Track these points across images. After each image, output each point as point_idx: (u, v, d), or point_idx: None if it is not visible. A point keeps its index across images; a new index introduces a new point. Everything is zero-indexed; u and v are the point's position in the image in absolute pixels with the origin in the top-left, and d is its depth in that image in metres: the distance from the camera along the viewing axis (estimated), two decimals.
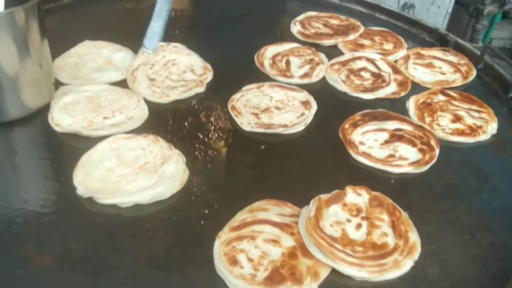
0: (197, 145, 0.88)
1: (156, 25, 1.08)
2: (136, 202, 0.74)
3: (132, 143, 0.86)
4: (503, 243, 0.73)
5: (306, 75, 1.09)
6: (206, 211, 0.74)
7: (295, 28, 1.29)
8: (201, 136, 0.90)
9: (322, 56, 1.17)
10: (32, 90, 0.89)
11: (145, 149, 0.84)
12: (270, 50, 1.17)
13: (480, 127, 0.96)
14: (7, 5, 0.84)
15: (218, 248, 0.67)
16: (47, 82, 0.93)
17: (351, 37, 1.24)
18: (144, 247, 0.67)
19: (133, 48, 1.11)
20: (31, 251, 0.65)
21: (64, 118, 0.88)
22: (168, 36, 1.13)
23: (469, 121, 0.97)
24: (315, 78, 1.08)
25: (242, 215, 0.73)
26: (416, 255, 0.69)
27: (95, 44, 1.11)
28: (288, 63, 1.13)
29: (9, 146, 0.86)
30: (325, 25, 1.30)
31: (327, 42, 1.23)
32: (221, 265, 0.64)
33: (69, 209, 0.73)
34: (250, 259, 0.66)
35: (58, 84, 0.98)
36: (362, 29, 1.28)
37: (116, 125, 0.88)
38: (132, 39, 1.13)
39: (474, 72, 1.14)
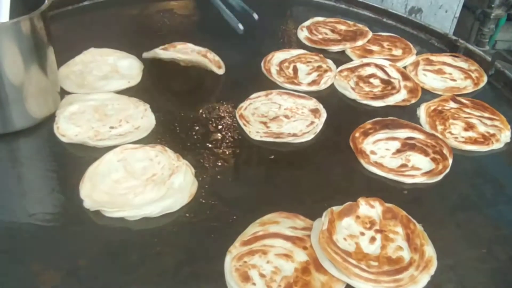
0: (205, 155, 0.86)
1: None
2: (145, 215, 0.72)
3: (140, 153, 0.84)
4: None
5: (314, 82, 1.07)
6: (216, 224, 0.73)
7: (302, 34, 1.27)
8: (209, 146, 0.89)
9: (330, 62, 1.15)
10: (38, 99, 0.87)
11: (153, 160, 0.83)
12: (277, 57, 1.16)
13: (493, 135, 0.94)
14: (12, 12, 0.83)
15: (229, 263, 0.65)
16: (52, 91, 0.91)
17: (359, 43, 1.22)
18: (153, 264, 0.66)
19: (138, 55, 1.10)
20: (39, 268, 0.63)
21: (70, 128, 0.87)
22: (173, 40, 1.12)
23: (482, 129, 0.96)
24: (323, 85, 1.07)
25: (253, 229, 0.71)
26: (432, 270, 0.67)
27: (100, 51, 1.10)
28: (295, 70, 1.11)
29: (14, 157, 0.84)
30: (332, 31, 1.29)
31: (335, 48, 1.22)
32: (232, 282, 0.63)
33: (76, 222, 0.71)
34: (262, 275, 0.64)
35: (63, 93, 0.96)
36: (370, 34, 1.26)
37: (123, 135, 0.87)
38: (137, 46, 1.12)
39: (485, 78, 1.12)
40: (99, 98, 0.94)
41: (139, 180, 0.78)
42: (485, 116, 0.99)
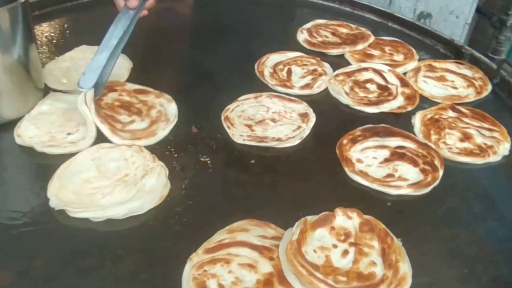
0: (183, 157, 0.83)
1: (100, 58, 0.88)
2: (110, 217, 0.70)
3: (115, 153, 0.82)
4: (506, 279, 0.66)
5: (307, 85, 1.03)
6: (183, 230, 0.70)
7: (302, 36, 1.24)
8: (190, 147, 0.86)
9: (327, 66, 1.11)
10: (17, 96, 0.86)
11: (128, 160, 0.80)
12: (272, 59, 1.13)
13: (491, 147, 0.88)
14: None
15: (188, 272, 0.62)
16: (33, 87, 0.90)
17: (360, 46, 1.18)
18: (112, 268, 0.63)
19: (130, 54, 1.08)
20: None
21: (29, 129, 0.84)
22: (169, 40, 1.10)
23: (479, 140, 0.90)
24: (316, 89, 1.03)
25: (219, 236, 0.68)
26: None
27: (91, 49, 1.08)
28: (289, 72, 1.08)
29: None
30: (333, 34, 1.25)
31: (334, 51, 1.18)
32: None
33: (39, 222, 0.69)
34: (221, 286, 0.61)
35: (49, 89, 0.95)
36: (372, 38, 1.22)
37: (75, 142, 0.83)
38: (133, 46, 1.10)
39: (489, 87, 1.06)
40: (73, 100, 0.88)
41: (110, 180, 0.76)
42: (485, 126, 0.94)
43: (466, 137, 0.91)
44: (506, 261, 0.68)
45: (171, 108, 0.94)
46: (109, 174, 0.77)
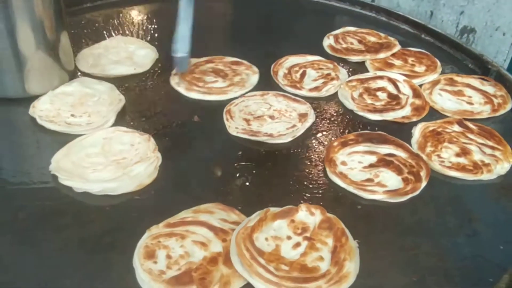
0: (176, 142, 0.89)
1: (184, 28, 1.00)
2: (87, 190, 0.77)
3: (127, 137, 0.88)
4: None
5: (316, 88, 1.05)
6: (153, 206, 0.75)
7: (327, 41, 1.26)
8: (185, 133, 0.92)
9: (343, 71, 1.12)
10: (44, 74, 0.97)
11: (133, 146, 0.86)
12: (290, 61, 1.16)
13: (487, 165, 0.85)
14: None
15: (144, 240, 0.68)
16: (60, 69, 1.01)
17: (381, 55, 1.18)
18: (81, 229, 0.70)
19: (159, 47, 1.17)
20: None
21: (44, 103, 0.93)
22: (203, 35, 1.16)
23: (477, 157, 0.87)
24: (324, 92, 1.05)
25: (184, 214, 0.73)
26: (344, 285, 0.63)
27: (125, 39, 1.19)
28: (303, 74, 1.11)
29: (12, 122, 0.94)
30: (359, 41, 1.25)
31: (354, 58, 1.18)
32: (136, 257, 0.65)
33: (35, 182, 0.79)
34: (169, 256, 0.66)
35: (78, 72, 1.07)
36: (396, 48, 1.20)
37: (71, 125, 0.90)
38: (160, 38, 1.20)
39: (509, 106, 1.02)
40: (100, 88, 0.99)
41: (106, 159, 0.83)
42: (488, 144, 0.90)
43: (464, 152, 0.88)
44: (462, 278, 0.66)
45: (253, 78, 1.09)
46: (109, 154, 0.84)
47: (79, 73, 1.06)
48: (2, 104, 0.95)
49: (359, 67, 1.17)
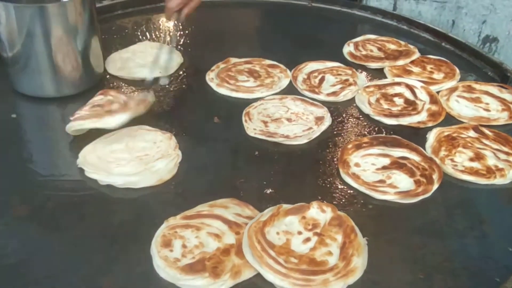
0: (196, 140, 0.94)
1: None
2: (110, 183, 0.81)
3: (150, 136, 0.93)
4: None
5: (333, 93, 1.08)
6: (173, 200, 0.79)
7: (347, 48, 1.28)
8: (205, 133, 0.96)
9: (361, 77, 1.15)
10: (76, 76, 1.03)
11: (156, 143, 0.91)
12: (310, 67, 1.19)
13: (501, 169, 0.86)
14: None
15: (161, 230, 0.72)
16: (91, 71, 1.07)
17: (400, 62, 1.20)
18: (103, 218, 0.75)
19: (183, 52, 1.23)
20: (16, 200, 0.77)
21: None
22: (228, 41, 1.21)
23: (491, 162, 0.88)
24: (342, 97, 1.07)
25: (201, 207, 0.77)
26: (351, 279, 0.66)
27: (151, 44, 1.25)
28: (322, 80, 1.14)
29: (45, 120, 1.01)
30: (379, 49, 1.27)
31: (373, 65, 1.21)
32: (153, 245, 0.69)
33: (63, 174, 0.84)
34: (184, 246, 0.69)
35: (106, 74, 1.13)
36: (415, 55, 1.22)
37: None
38: (185, 44, 1.25)
39: None
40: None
41: (130, 155, 0.87)
42: (503, 150, 0.91)
43: (478, 157, 0.89)
44: (469, 277, 0.68)
45: (284, 81, 1.13)
46: (133, 151, 0.89)
47: (107, 75, 1.12)
48: (37, 102, 1.02)
49: (378, 74, 1.19)
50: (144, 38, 1.30)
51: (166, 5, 1.09)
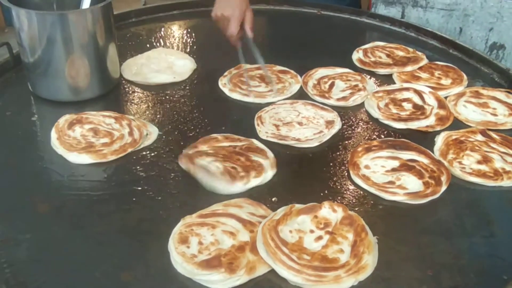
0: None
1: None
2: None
3: None
4: None
5: (343, 98, 1.11)
6: (189, 199, 0.82)
7: (356, 55, 1.31)
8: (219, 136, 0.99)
9: (370, 83, 1.17)
10: (94, 81, 1.07)
11: None
12: (320, 72, 1.22)
13: (508, 172, 0.88)
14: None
15: (178, 227, 0.74)
16: (108, 76, 1.11)
17: (408, 68, 1.22)
18: (122, 216, 0.78)
19: (195, 58, 1.26)
20: (39, 199, 0.80)
21: None
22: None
23: (498, 164, 0.90)
24: (351, 102, 1.10)
25: (216, 207, 0.79)
26: (362, 276, 0.68)
27: (166, 51, 1.28)
28: (332, 85, 1.16)
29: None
30: (388, 55, 1.30)
31: (382, 71, 1.23)
32: (171, 242, 0.72)
33: (82, 175, 0.87)
34: (200, 243, 0.72)
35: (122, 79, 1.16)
36: (424, 62, 1.25)
37: None
38: (198, 50, 1.28)
39: None
40: None
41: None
42: (510, 153, 0.93)
43: (485, 160, 0.91)
44: (476, 274, 0.70)
45: (295, 87, 1.16)
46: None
47: (123, 80, 1.16)
48: (55, 106, 1.05)
49: (387, 80, 1.22)
50: (158, 44, 1.34)
51: (227, 35, 1.14)
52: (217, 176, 0.84)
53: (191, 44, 1.37)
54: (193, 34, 1.43)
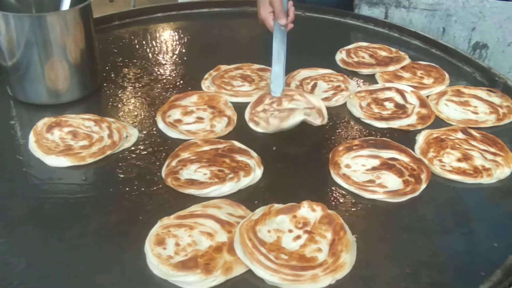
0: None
1: (277, 69, 1.06)
2: None
3: None
4: (447, 285, 0.67)
5: (326, 98, 1.10)
6: (169, 199, 0.81)
7: (339, 55, 1.31)
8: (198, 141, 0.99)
9: (352, 83, 1.18)
10: (76, 83, 1.07)
11: None
12: (302, 74, 1.22)
13: (487, 169, 0.88)
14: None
15: (155, 229, 0.73)
16: (88, 80, 1.10)
17: (391, 68, 1.22)
18: (98, 219, 0.77)
19: (178, 61, 1.26)
20: (15, 203, 0.79)
21: None
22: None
23: (478, 162, 0.90)
24: (334, 102, 1.10)
25: (194, 208, 0.79)
26: (339, 274, 0.68)
27: None
28: (314, 86, 1.16)
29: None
30: (371, 56, 1.30)
31: (365, 71, 1.23)
32: (147, 243, 0.71)
33: (60, 178, 0.86)
34: (177, 244, 0.71)
35: None
36: (406, 61, 1.25)
37: None
38: (182, 54, 1.27)
39: None
40: None
41: None
42: (490, 150, 0.93)
43: (465, 158, 0.91)
44: (455, 272, 0.70)
45: None
46: None
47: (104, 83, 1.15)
48: (34, 110, 1.04)
49: (369, 80, 1.22)
50: (141, 48, 1.33)
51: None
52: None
53: (174, 47, 1.36)
54: (177, 37, 1.43)
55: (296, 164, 0.92)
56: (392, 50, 1.32)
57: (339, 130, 1.02)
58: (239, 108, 1.07)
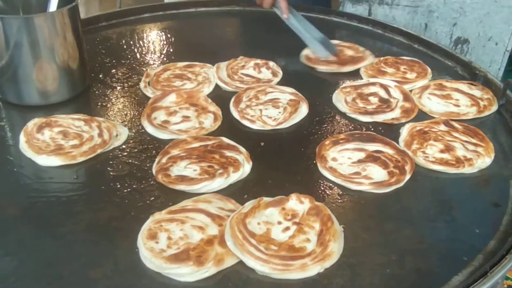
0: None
1: (308, 37, 1.31)
2: None
3: None
4: (431, 271, 0.70)
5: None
6: (160, 195, 0.83)
7: (305, 51, 1.32)
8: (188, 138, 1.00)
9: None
10: (64, 84, 1.07)
11: None
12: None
13: (469, 159, 0.91)
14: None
15: (147, 224, 0.75)
16: (77, 81, 1.11)
17: (345, 69, 1.25)
18: (91, 215, 0.78)
19: (166, 60, 1.27)
20: (6, 202, 0.80)
21: None
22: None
23: (460, 153, 0.93)
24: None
25: (185, 203, 0.80)
26: (327, 263, 0.70)
27: None
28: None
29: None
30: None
31: (322, 68, 1.26)
32: (140, 238, 0.72)
33: (51, 177, 0.87)
34: (169, 238, 0.73)
35: None
36: (365, 63, 1.26)
37: None
38: (169, 54, 1.29)
39: (494, 108, 1.08)
40: None
41: None
42: (472, 141, 0.96)
43: (448, 149, 0.94)
44: (438, 257, 0.72)
45: (211, 72, 1.21)
46: None
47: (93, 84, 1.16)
48: (24, 111, 1.04)
49: (354, 75, 1.24)
50: (128, 48, 1.34)
51: None
52: None
53: (161, 47, 1.38)
54: (164, 37, 1.44)
55: (284, 159, 0.94)
56: (359, 50, 1.33)
57: (325, 125, 1.05)
58: (217, 102, 1.09)
